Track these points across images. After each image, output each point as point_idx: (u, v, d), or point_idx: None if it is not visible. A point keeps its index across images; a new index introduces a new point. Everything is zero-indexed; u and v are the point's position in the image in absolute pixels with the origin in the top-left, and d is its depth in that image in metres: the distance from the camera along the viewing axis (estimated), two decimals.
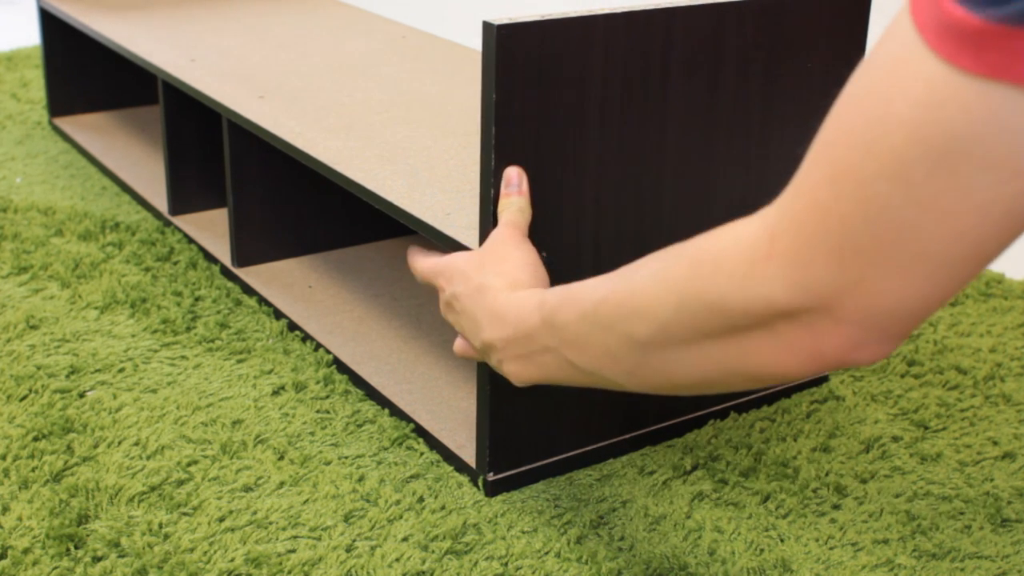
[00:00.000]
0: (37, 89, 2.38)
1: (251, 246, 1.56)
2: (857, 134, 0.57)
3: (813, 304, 0.61)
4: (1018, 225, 0.55)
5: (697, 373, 0.70)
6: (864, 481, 1.14)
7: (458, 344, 0.98)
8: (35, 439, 1.17)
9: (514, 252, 0.94)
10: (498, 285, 0.91)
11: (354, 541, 1.04)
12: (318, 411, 1.25)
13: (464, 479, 1.14)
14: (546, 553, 1.03)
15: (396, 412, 1.24)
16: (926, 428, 1.23)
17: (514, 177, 0.99)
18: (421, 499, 1.10)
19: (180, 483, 1.12)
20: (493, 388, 1.07)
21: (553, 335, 0.81)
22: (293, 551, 1.02)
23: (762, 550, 1.04)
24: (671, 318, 0.69)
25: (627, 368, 0.75)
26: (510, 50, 0.96)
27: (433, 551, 1.03)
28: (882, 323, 0.60)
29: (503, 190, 1.00)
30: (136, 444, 1.17)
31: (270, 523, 1.06)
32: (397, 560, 1.02)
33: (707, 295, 0.66)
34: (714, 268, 0.65)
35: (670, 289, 0.69)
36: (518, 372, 0.88)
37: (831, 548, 1.05)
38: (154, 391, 1.27)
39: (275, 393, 1.28)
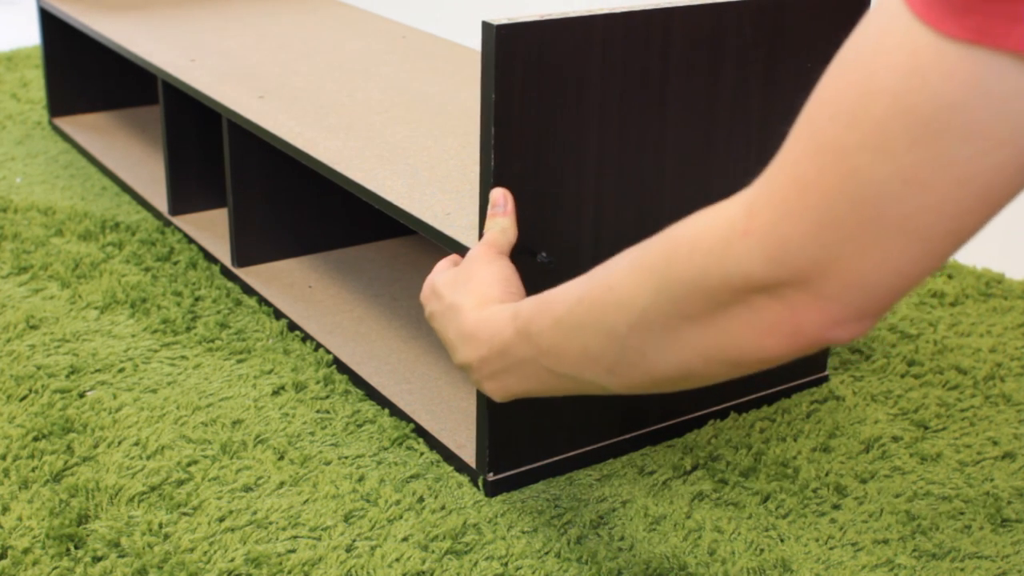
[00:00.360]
0: (37, 89, 2.38)
1: (251, 246, 1.56)
2: (841, 105, 0.57)
3: (791, 278, 0.60)
4: (998, 199, 0.55)
5: (678, 363, 0.69)
6: (864, 481, 1.14)
7: None
8: (35, 439, 1.17)
9: (485, 269, 0.93)
10: (467, 304, 0.90)
11: (354, 541, 1.04)
12: (318, 411, 1.25)
13: (464, 479, 1.14)
14: (546, 553, 1.03)
15: (396, 412, 1.24)
16: (926, 428, 1.23)
17: (499, 199, 1.00)
18: (421, 499, 1.10)
19: (180, 483, 1.12)
20: None
21: (530, 345, 0.81)
22: (293, 551, 1.02)
23: (762, 550, 1.04)
24: (650, 304, 0.68)
25: (607, 366, 0.74)
26: (510, 50, 0.96)
27: (433, 551, 1.03)
28: (861, 298, 0.60)
29: (489, 211, 1.00)
30: (136, 444, 1.17)
31: (270, 523, 1.06)
32: (397, 560, 1.02)
33: (686, 274, 0.65)
34: (691, 248, 0.65)
35: (648, 275, 0.68)
36: (497, 389, 0.87)
37: (831, 548, 1.05)
38: (154, 391, 1.27)
39: (275, 393, 1.28)
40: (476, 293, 0.91)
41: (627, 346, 0.71)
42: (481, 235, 1.02)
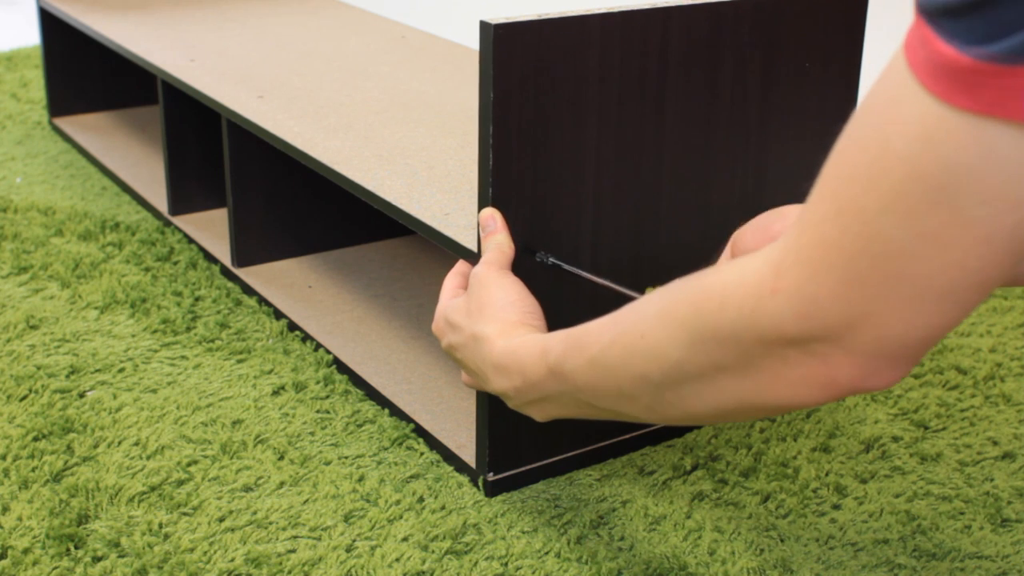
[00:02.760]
0: (37, 89, 2.38)
1: (251, 246, 1.56)
2: (859, 171, 0.58)
3: (822, 335, 0.61)
4: (1019, 252, 0.56)
5: (714, 406, 0.70)
6: (864, 481, 1.14)
7: (465, 377, 0.99)
8: (35, 439, 1.17)
9: (496, 293, 0.94)
10: (491, 333, 0.91)
11: (354, 541, 1.04)
12: (318, 411, 1.25)
13: (464, 479, 1.14)
14: (546, 553, 1.03)
15: (396, 412, 1.24)
16: (926, 428, 1.23)
17: (488, 219, 1.00)
18: (421, 499, 1.10)
19: (180, 483, 1.12)
20: None
21: (564, 382, 0.82)
22: (293, 551, 1.02)
23: (762, 550, 1.04)
24: (684, 356, 0.69)
25: (645, 405, 0.75)
26: (507, 50, 0.96)
27: (433, 551, 1.03)
28: (891, 352, 0.61)
29: (482, 233, 1.00)
30: (136, 444, 1.17)
31: (270, 523, 1.06)
32: (397, 560, 1.02)
33: (719, 330, 0.66)
34: (721, 303, 0.66)
35: (679, 327, 0.69)
36: (538, 413, 0.89)
37: (831, 548, 1.05)
38: (154, 391, 1.28)
39: (275, 393, 1.28)
40: (496, 319, 0.92)
41: (662, 390, 0.72)
42: (479, 239, 1.02)
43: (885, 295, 0.58)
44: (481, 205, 1.02)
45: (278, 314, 1.44)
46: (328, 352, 1.35)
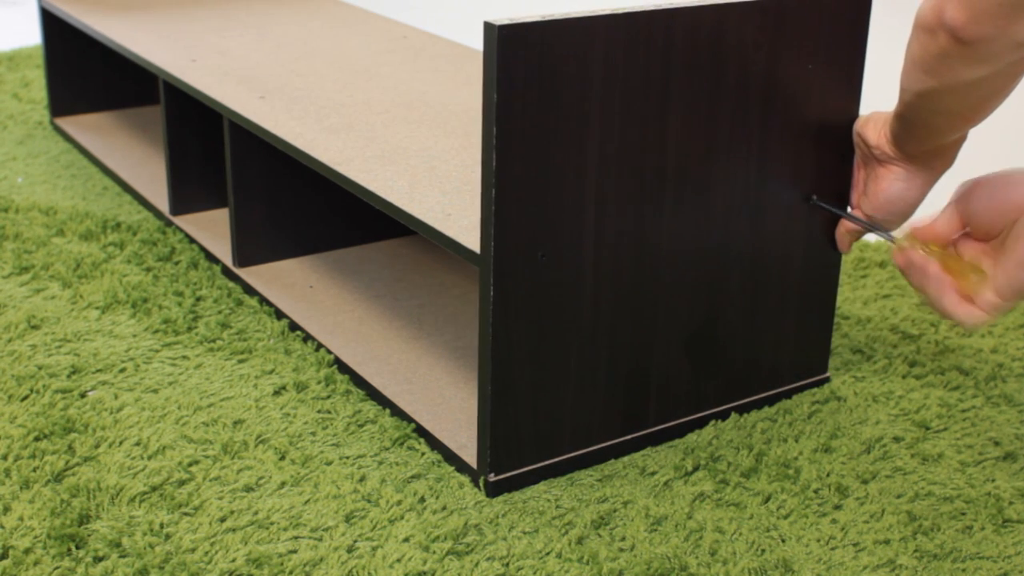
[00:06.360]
0: (38, 89, 2.38)
1: (252, 246, 1.56)
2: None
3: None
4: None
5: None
6: (865, 482, 1.14)
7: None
8: (36, 439, 1.17)
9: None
10: None
11: (355, 541, 1.04)
12: (319, 411, 1.25)
13: (465, 479, 1.14)
14: (547, 554, 1.03)
15: (397, 412, 1.24)
16: (927, 429, 1.23)
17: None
18: (422, 499, 1.10)
19: (181, 483, 1.12)
20: (494, 388, 1.07)
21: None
22: (294, 551, 1.03)
23: (763, 551, 1.04)
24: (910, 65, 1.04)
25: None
26: (511, 50, 0.96)
27: (434, 552, 1.03)
28: None
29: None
30: (137, 444, 1.17)
31: (271, 523, 1.06)
32: (398, 560, 1.02)
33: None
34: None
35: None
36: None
37: (832, 548, 1.05)
38: (155, 391, 1.28)
39: (276, 393, 1.28)
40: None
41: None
42: (482, 233, 1.02)
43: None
44: (483, 206, 1.02)
45: (279, 314, 1.44)
46: (329, 352, 1.35)
